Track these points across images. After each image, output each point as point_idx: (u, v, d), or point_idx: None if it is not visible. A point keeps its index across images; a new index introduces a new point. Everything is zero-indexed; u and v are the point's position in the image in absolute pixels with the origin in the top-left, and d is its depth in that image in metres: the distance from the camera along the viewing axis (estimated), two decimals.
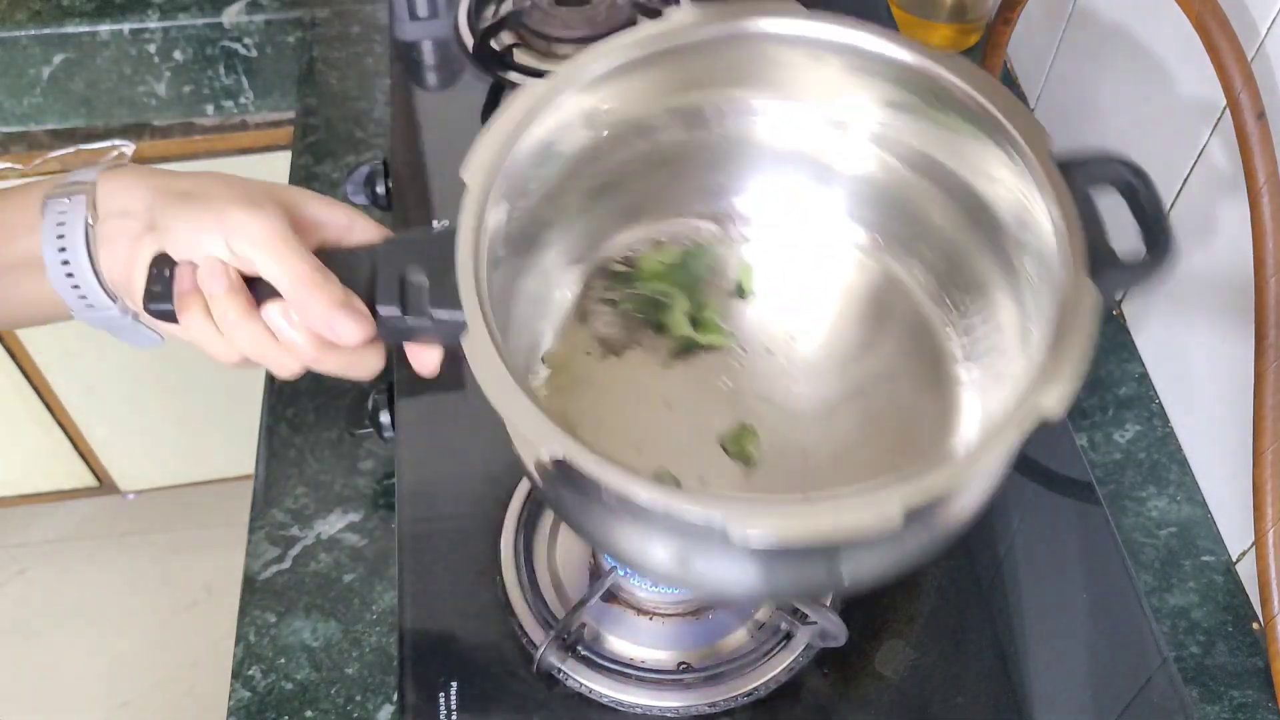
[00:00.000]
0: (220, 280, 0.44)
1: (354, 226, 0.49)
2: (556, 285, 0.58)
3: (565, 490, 0.48)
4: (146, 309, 0.46)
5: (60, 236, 0.46)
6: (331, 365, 0.47)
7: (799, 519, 0.40)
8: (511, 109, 0.51)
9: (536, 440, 0.42)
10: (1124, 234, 0.48)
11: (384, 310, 0.46)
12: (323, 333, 0.45)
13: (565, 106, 0.52)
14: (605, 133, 0.56)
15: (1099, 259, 0.46)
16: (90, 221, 0.46)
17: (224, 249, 0.45)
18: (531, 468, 0.49)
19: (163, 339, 0.50)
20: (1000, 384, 0.52)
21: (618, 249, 0.60)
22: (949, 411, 0.55)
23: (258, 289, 0.46)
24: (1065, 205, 0.47)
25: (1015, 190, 0.50)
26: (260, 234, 0.45)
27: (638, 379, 0.57)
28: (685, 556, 0.46)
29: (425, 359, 0.49)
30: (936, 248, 0.57)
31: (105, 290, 0.47)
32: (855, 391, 0.57)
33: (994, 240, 0.53)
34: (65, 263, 0.46)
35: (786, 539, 0.40)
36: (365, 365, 0.48)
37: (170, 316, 0.46)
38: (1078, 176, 0.48)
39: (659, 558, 0.47)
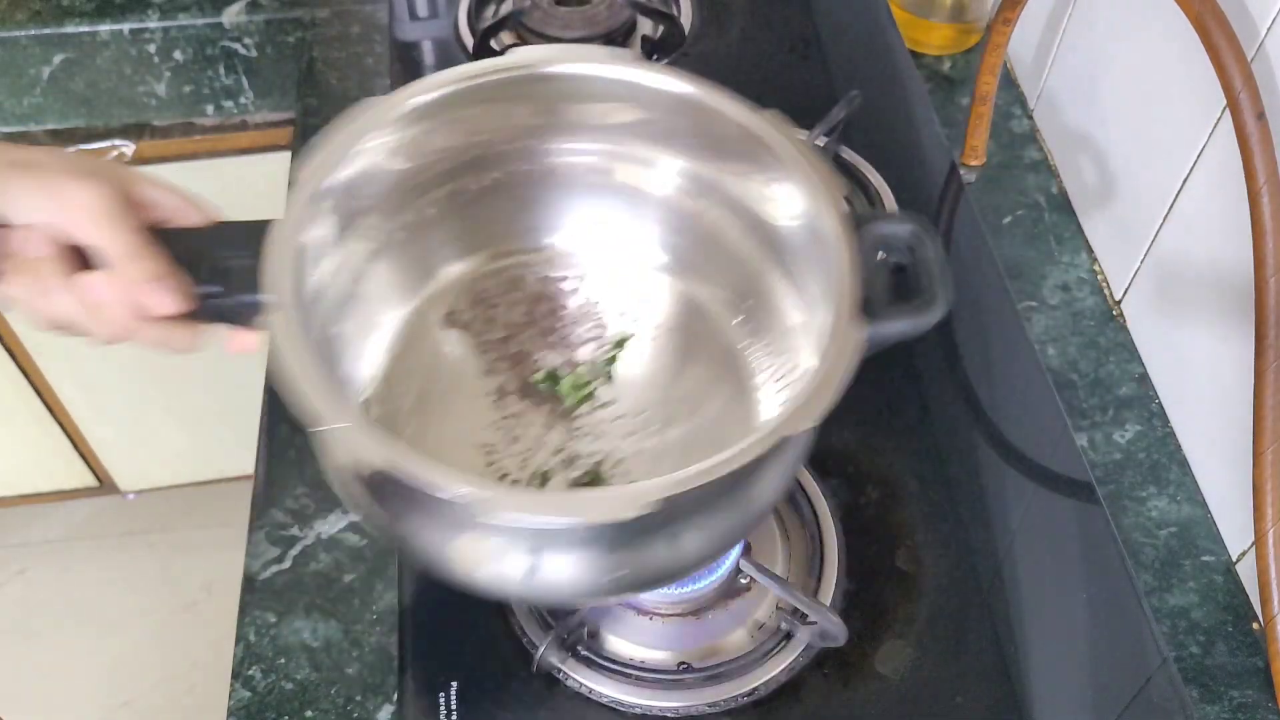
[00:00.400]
0: (43, 245, 0.46)
1: (187, 209, 0.51)
2: (383, 311, 0.60)
3: (368, 489, 0.50)
4: None
5: None
6: (147, 337, 0.49)
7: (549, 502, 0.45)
8: (347, 120, 0.53)
9: (322, 413, 0.43)
10: None
11: (203, 288, 0.48)
12: (140, 302, 0.47)
13: (395, 129, 0.54)
14: (428, 162, 0.58)
15: (871, 305, 0.48)
16: None
17: (53, 217, 0.46)
18: (334, 475, 0.51)
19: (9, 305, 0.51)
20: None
21: (445, 285, 0.62)
22: (752, 425, 0.58)
23: (84, 258, 0.47)
24: (847, 248, 0.49)
25: (808, 229, 0.53)
26: (88, 203, 0.46)
27: (470, 406, 0.59)
28: (455, 542, 0.48)
29: (244, 341, 0.51)
30: (736, 272, 0.60)
31: None
32: (673, 416, 0.59)
33: (788, 268, 0.56)
34: None
35: (527, 519, 0.44)
36: (180, 340, 0.50)
37: None
38: (867, 228, 0.51)
39: (442, 549, 0.49)
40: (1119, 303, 0.81)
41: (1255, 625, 0.66)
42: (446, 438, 0.58)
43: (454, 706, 0.58)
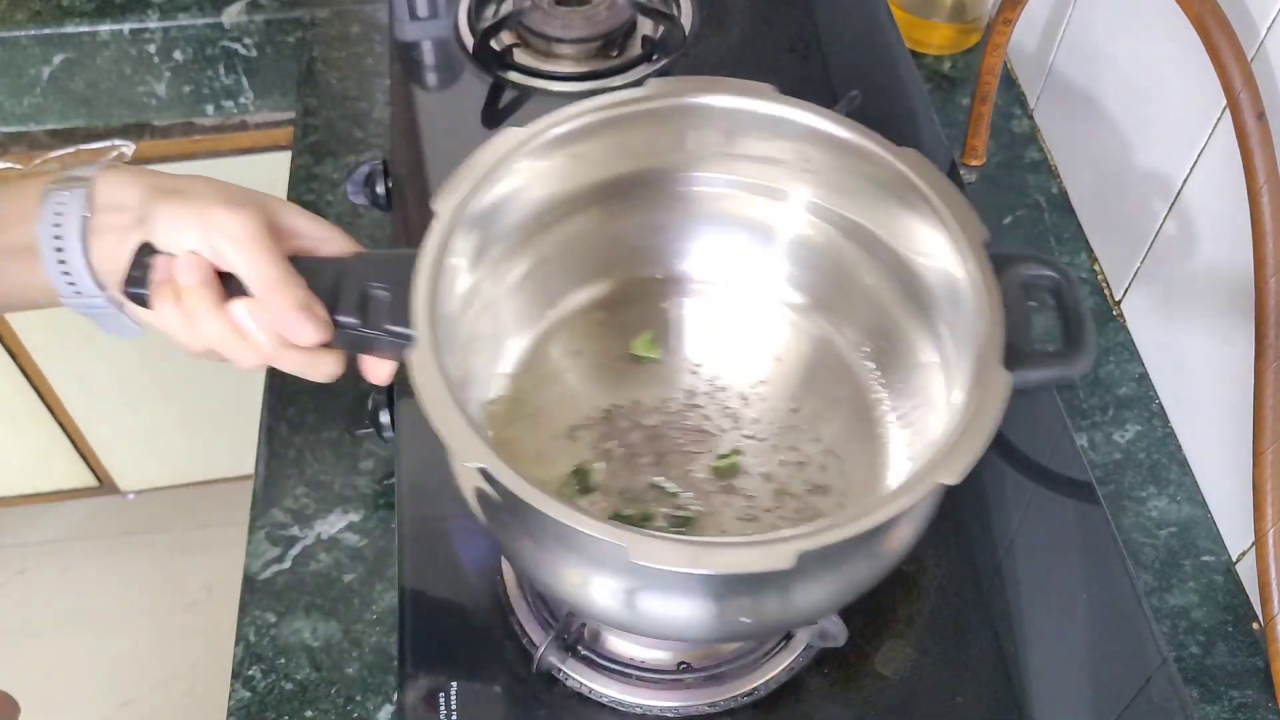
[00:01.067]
0: (193, 273, 0.47)
1: (329, 239, 0.52)
2: (509, 338, 0.61)
3: (497, 515, 0.51)
4: (124, 292, 0.48)
5: (56, 226, 0.48)
6: (289, 364, 0.50)
7: (703, 555, 0.43)
8: (487, 150, 0.54)
9: (462, 452, 0.44)
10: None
11: (342, 318, 0.49)
12: (281, 331, 0.48)
13: (533, 158, 0.55)
14: (565, 189, 0.59)
15: (1017, 350, 0.48)
16: (86, 214, 0.48)
17: (202, 244, 0.47)
18: (466, 492, 0.52)
19: (141, 330, 0.52)
20: (925, 439, 0.56)
21: (571, 307, 0.63)
22: (879, 465, 0.59)
23: (230, 284, 0.48)
24: (991, 294, 0.50)
25: (946, 271, 0.53)
26: (236, 232, 0.47)
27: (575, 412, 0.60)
28: (595, 583, 0.49)
29: (379, 369, 0.52)
30: (866, 311, 0.60)
31: (94, 279, 0.49)
32: (794, 443, 0.60)
33: (923, 310, 0.57)
34: (59, 250, 0.48)
35: (682, 570, 0.43)
36: (321, 368, 0.51)
37: (145, 302, 0.48)
38: (1009, 271, 0.51)
39: (580, 585, 0.49)
40: (1119, 303, 0.81)
41: (1255, 625, 0.66)
42: (552, 447, 0.59)
43: (454, 706, 0.58)
